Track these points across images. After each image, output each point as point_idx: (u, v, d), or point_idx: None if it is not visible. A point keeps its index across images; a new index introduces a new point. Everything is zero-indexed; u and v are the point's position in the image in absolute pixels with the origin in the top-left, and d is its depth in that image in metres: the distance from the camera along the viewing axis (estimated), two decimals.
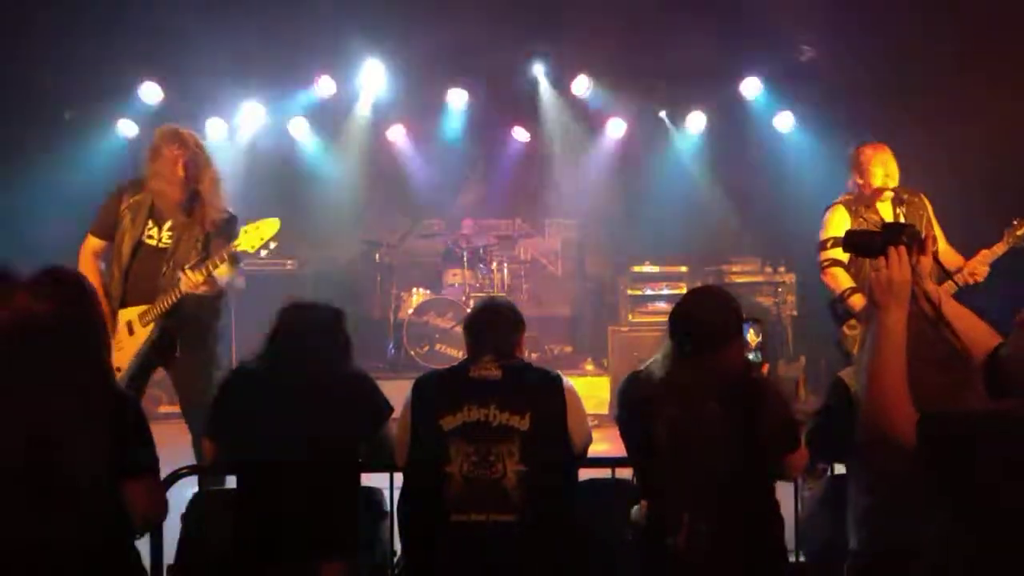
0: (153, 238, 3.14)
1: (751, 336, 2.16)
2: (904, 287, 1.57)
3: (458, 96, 6.69)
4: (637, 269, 6.16)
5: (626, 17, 5.60)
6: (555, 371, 2.31)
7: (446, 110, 6.82)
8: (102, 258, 3.20)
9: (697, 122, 6.84)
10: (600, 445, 2.54)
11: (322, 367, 2.28)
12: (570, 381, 2.28)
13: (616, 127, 6.93)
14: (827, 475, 2.40)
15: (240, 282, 6.20)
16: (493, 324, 2.31)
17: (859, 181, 3.57)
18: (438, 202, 7.19)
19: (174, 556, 2.39)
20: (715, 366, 2.00)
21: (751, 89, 6.50)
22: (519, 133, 7.05)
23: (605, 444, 2.88)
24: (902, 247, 1.58)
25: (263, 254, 3.06)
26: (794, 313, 5.94)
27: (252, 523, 2.20)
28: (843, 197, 3.63)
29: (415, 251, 7.09)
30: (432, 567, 2.16)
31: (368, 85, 6.60)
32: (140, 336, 3.07)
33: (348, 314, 2.41)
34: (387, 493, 2.46)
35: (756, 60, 6.25)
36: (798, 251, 5.44)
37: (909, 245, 1.59)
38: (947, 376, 1.70)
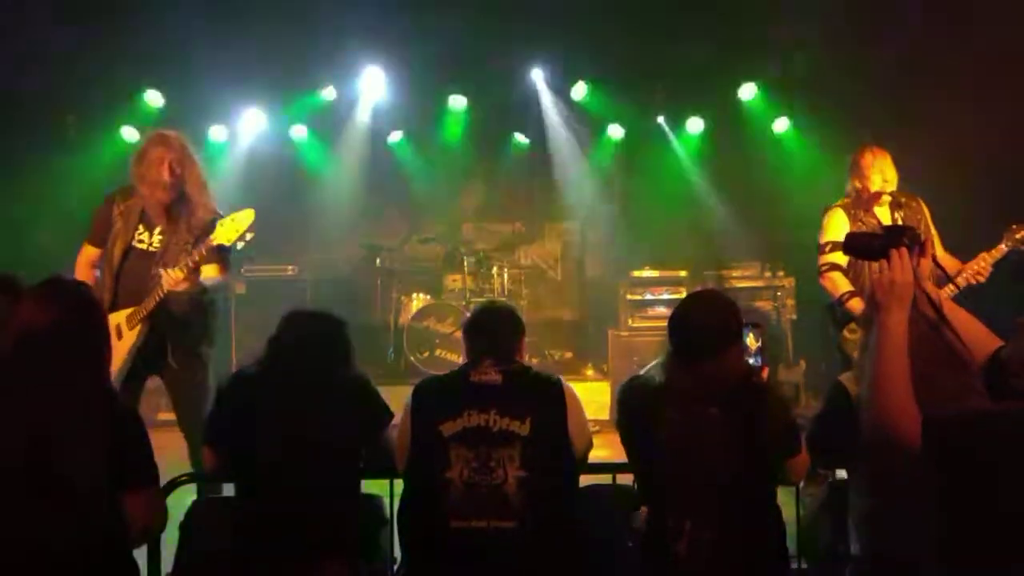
0: (144, 242, 3.13)
1: (751, 340, 2.16)
2: (906, 288, 1.57)
3: (458, 102, 6.71)
4: (637, 274, 6.15)
5: (625, 23, 5.62)
6: (555, 376, 2.31)
7: (446, 116, 6.83)
8: (98, 266, 3.18)
9: (696, 127, 6.85)
10: (601, 451, 2.53)
11: (322, 373, 2.27)
12: (571, 386, 2.28)
13: (615, 132, 6.94)
14: (828, 480, 2.39)
15: (240, 287, 6.21)
16: (493, 328, 2.31)
17: (857, 185, 3.58)
18: (438, 207, 7.19)
19: (172, 564, 2.38)
20: (715, 371, 1.99)
21: (749, 94, 6.51)
22: (519, 138, 7.06)
23: (606, 450, 2.87)
24: (903, 249, 1.58)
25: (240, 246, 3.01)
26: (794, 317, 5.93)
27: (252, 529, 2.19)
28: (841, 201, 3.64)
29: (415, 256, 7.09)
30: (432, 574, 2.15)
31: (368, 91, 6.62)
32: (128, 339, 3.06)
33: (349, 321, 2.41)
34: (387, 500, 2.46)
35: (754, 65, 6.27)
36: (797, 255, 5.44)
37: (910, 247, 1.59)
38: (954, 378, 1.70)
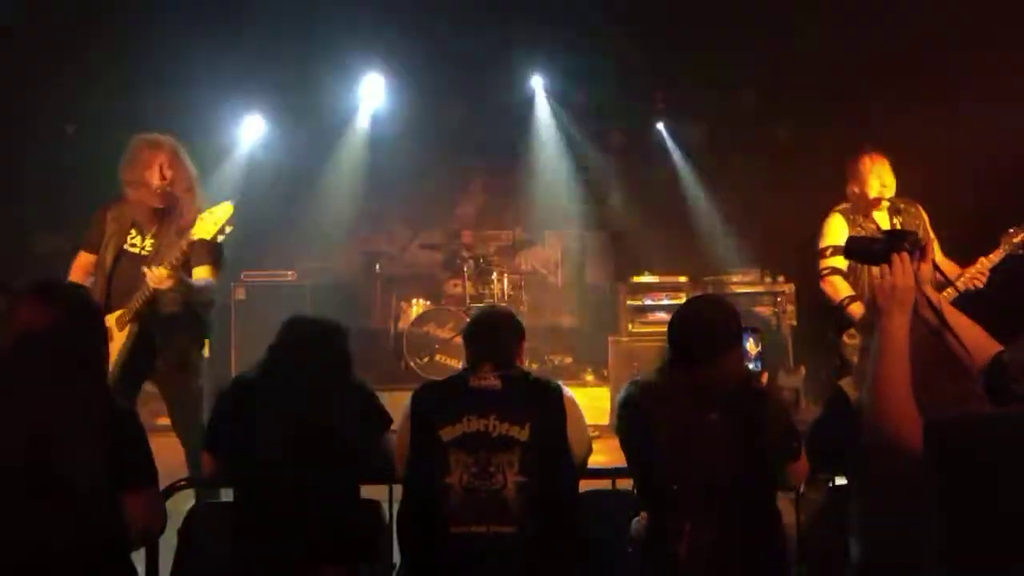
0: (136, 246, 3.13)
1: (750, 345, 2.16)
2: (908, 293, 1.58)
3: (458, 108, 6.73)
4: (637, 279, 6.15)
5: (625, 29, 5.64)
6: (555, 381, 2.30)
7: (446, 122, 6.85)
8: (93, 273, 3.18)
9: (695, 132, 6.86)
10: (600, 456, 2.53)
11: (321, 379, 2.27)
12: (570, 391, 2.28)
13: (615, 137, 6.95)
14: (828, 485, 2.38)
15: (240, 293, 6.21)
16: (493, 333, 2.31)
17: (856, 191, 3.59)
18: (438, 213, 7.20)
19: (170, 570, 2.37)
20: (715, 375, 1.99)
21: (748, 99, 6.53)
22: (518, 144, 7.07)
23: (605, 455, 2.86)
24: (904, 253, 1.59)
25: (220, 239, 3.01)
26: (794, 323, 5.93)
27: (251, 535, 2.19)
28: (840, 206, 3.64)
29: (415, 262, 7.10)
30: None
31: (368, 98, 6.64)
32: (118, 341, 3.05)
33: (349, 327, 2.40)
34: (386, 505, 2.45)
35: (754, 69, 6.29)
36: (797, 261, 5.44)
37: (911, 251, 1.59)
38: (953, 383, 1.70)
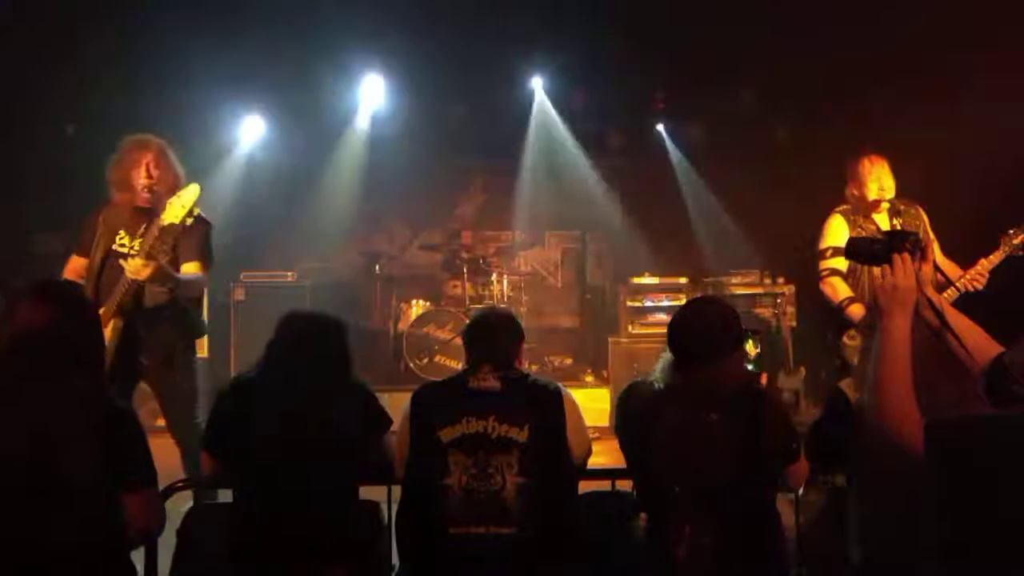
0: (125, 246, 3.13)
1: (750, 347, 2.16)
2: (909, 293, 1.57)
3: (457, 109, 6.72)
4: (637, 280, 6.15)
5: (624, 30, 5.64)
6: (554, 382, 2.30)
7: (445, 122, 6.85)
8: (84, 276, 3.18)
9: (695, 133, 6.86)
10: (600, 457, 2.53)
11: (321, 378, 2.27)
12: (570, 392, 2.27)
13: (615, 139, 6.95)
14: (827, 486, 2.38)
15: (239, 294, 6.22)
16: (492, 334, 2.30)
17: (855, 193, 3.60)
18: (438, 213, 7.20)
19: (169, 570, 2.37)
20: (715, 377, 1.99)
21: (748, 100, 6.53)
22: (518, 145, 7.07)
23: (605, 456, 2.87)
24: (906, 254, 1.59)
25: (190, 223, 3.00)
26: (794, 324, 5.93)
27: (250, 535, 2.18)
28: (841, 207, 3.64)
29: (415, 263, 7.09)
30: None
31: (368, 98, 6.64)
32: (106, 338, 3.06)
33: (348, 323, 2.40)
34: (385, 506, 2.45)
35: (753, 71, 6.28)
36: (797, 262, 5.44)
37: (912, 252, 1.59)
38: (953, 385, 1.70)
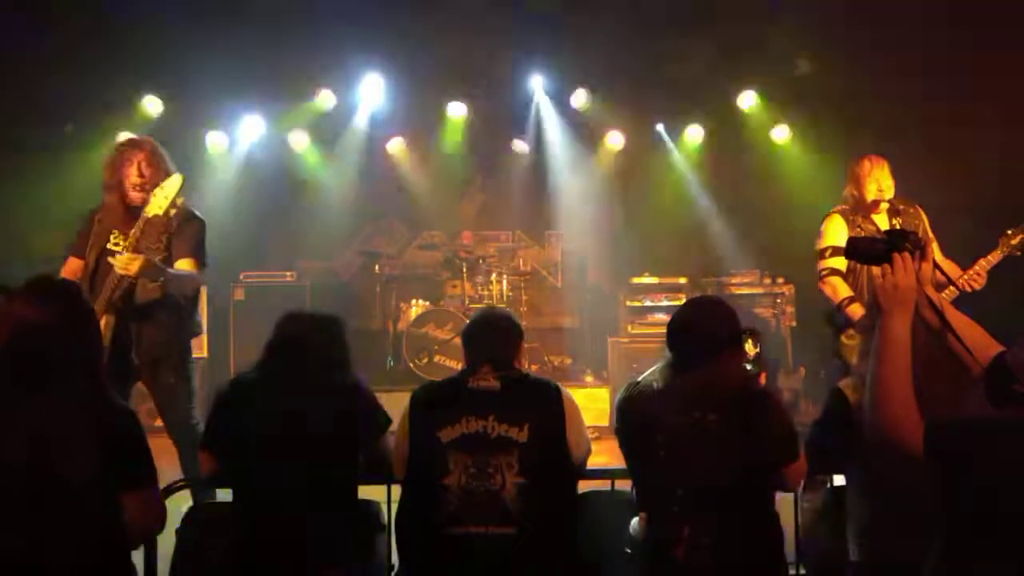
0: (119, 246, 3.13)
1: (749, 347, 2.17)
2: (910, 292, 1.58)
3: (457, 109, 6.72)
4: (636, 280, 6.15)
5: (624, 31, 5.64)
6: (554, 382, 2.30)
7: (445, 123, 6.84)
8: (80, 278, 3.17)
9: (695, 134, 6.86)
10: (599, 457, 2.53)
11: (320, 378, 2.27)
12: (569, 392, 2.28)
13: (614, 139, 6.95)
14: (826, 486, 2.38)
15: (239, 294, 6.22)
16: (492, 334, 2.31)
17: (854, 193, 3.60)
18: (438, 214, 7.20)
19: (168, 570, 2.37)
20: (714, 377, 2.00)
21: (748, 101, 6.53)
22: (518, 145, 7.07)
23: (604, 456, 2.87)
24: (906, 253, 1.59)
25: (173, 212, 3.02)
26: (793, 324, 5.94)
27: (249, 535, 2.18)
28: (839, 207, 3.65)
29: (414, 262, 7.09)
30: None
31: (367, 97, 6.63)
32: None
33: (346, 321, 2.40)
34: (384, 506, 2.45)
35: (753, 72, 6.29)
36: (797, 262, 5.45)
37: (912, 252, 1.60)
38: (956, 384, 1.70)
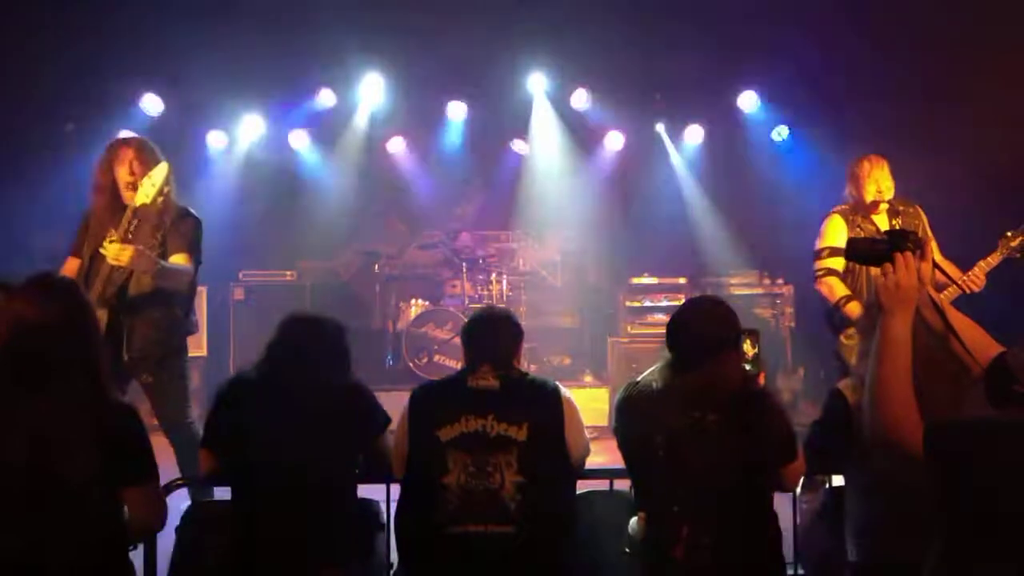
0: (115, 243, 3.13)
1: (747, 347, 2.16)
2: (911, 292, 1.58)
3: (457, 109, 6.72)
4: (636, 281, 6.16)
5: (624, 31, 5.64)
6: (553, 382, 2.31)
7: (445, 122, 6.85)
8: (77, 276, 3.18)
9: (694, 135, 6.87)
10: (598, 456, 2.53)
11: (320, 378, 2.27)
12: (568, 392, 2.28)
13: (614, 140, 6.95)
14: (825, 486, 2.39)
15: (239, 293, 6.22)
16: (491, 334, 2.31)
17: (854, 193, 3.61)
18: (437, 213, 7.20)
19: (168, 569, 2.37)
20: (713, 377, 2.00)
21: (748, 102, 6.53)
22: (518, 145, 7.07)
23: (603, 456, 2.87)
24: (908, 253, 1.59)
25: (161, 201, 3.01)
26: (792, 325, 5.94)
27: (248, 534, 2.18)
28: (839, 207, 3.65)
29: (414, 262, 7.09)
30: None
31: (367, 98, 6.64)
32: None
33: (347, 326, 2.40)
34: (384, 505, 2.45)
35: (753, 73, 6.29)
36: (796, 263, 5.45)
37: (914, 251, 1.60)
38: (956, 386, 1.70)
